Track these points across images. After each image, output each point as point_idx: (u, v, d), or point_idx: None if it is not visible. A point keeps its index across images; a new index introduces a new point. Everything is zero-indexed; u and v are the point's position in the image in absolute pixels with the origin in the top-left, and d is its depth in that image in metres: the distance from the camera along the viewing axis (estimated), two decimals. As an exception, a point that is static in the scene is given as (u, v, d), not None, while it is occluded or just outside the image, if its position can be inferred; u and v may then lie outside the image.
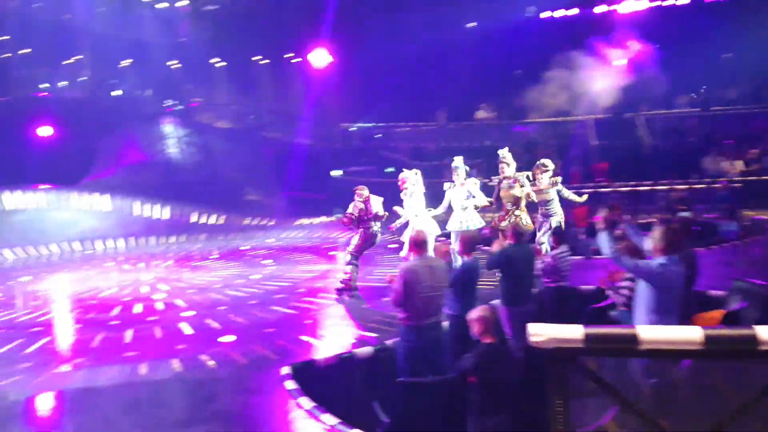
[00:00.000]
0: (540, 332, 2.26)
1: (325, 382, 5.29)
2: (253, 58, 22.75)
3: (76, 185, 16.35)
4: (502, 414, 3.83)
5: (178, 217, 16.31)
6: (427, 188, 8.06)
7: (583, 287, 6.80)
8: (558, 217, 8.16)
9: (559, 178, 8.42)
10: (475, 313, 4.15)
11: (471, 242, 5.61)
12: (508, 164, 7.95)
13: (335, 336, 6.40)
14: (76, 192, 15.36)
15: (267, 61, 22.95)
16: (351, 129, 21.49)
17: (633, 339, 2.24)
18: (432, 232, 7.51)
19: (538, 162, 8.47)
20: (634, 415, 2.38)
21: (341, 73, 19.66)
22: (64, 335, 7.31)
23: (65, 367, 5.83)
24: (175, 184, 17.69)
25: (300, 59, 22.32)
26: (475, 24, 21.30)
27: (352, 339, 6.22)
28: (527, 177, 8.07)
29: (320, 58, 19.20)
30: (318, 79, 19.75)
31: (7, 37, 20.71)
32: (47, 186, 15.13)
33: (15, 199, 14.16)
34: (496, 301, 5.64)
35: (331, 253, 11.67)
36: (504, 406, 3.87)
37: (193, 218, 16.04)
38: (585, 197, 8.97)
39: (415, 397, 4.27)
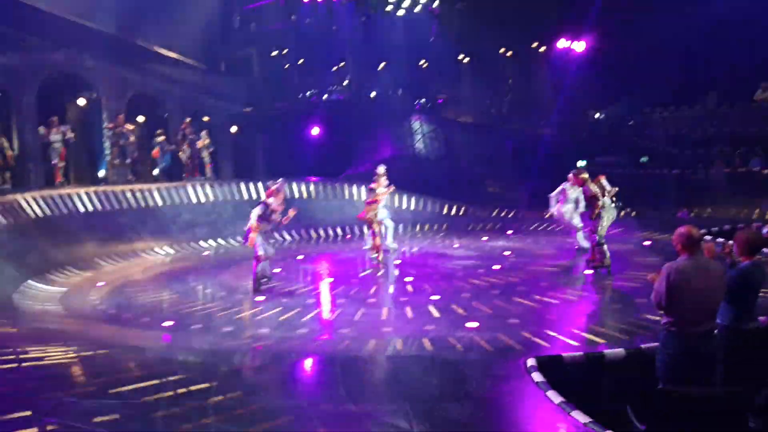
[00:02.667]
0: None
1: (570, 379, 5.13)
2: (499, 51, 22.84)
3: (339, 178, 18.47)
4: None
5: (421, 208, 17.33)
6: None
7: None
8: None
9: None
10: None
11: (751, 243, 4.85)
12: None
13: (581, 333, 6.15)
14: (338, 184, 17.33)
15: (511, 53, 22.85)
16: (598, 117, 20.26)
17: None
18: None
19: None
20: None
21: (591, 59, 18.59)
22: (331, 308, 8.34)
23: (333, 336, 6.68)
24: (420, 177, 18.79)
25: (544, 48, 21.75)
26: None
27: (599, 339, 5.93)
28: None
29: (573, 44, 18.42)
30: (564, 67, 19.01)
31: (286, 50, 24.34)
32: (316, 178, 17.38)
33: (294, 189, 16.59)
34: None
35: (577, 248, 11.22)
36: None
37: (436, 209, 16.84)
38: None
39: (680, 408, 3.90)
